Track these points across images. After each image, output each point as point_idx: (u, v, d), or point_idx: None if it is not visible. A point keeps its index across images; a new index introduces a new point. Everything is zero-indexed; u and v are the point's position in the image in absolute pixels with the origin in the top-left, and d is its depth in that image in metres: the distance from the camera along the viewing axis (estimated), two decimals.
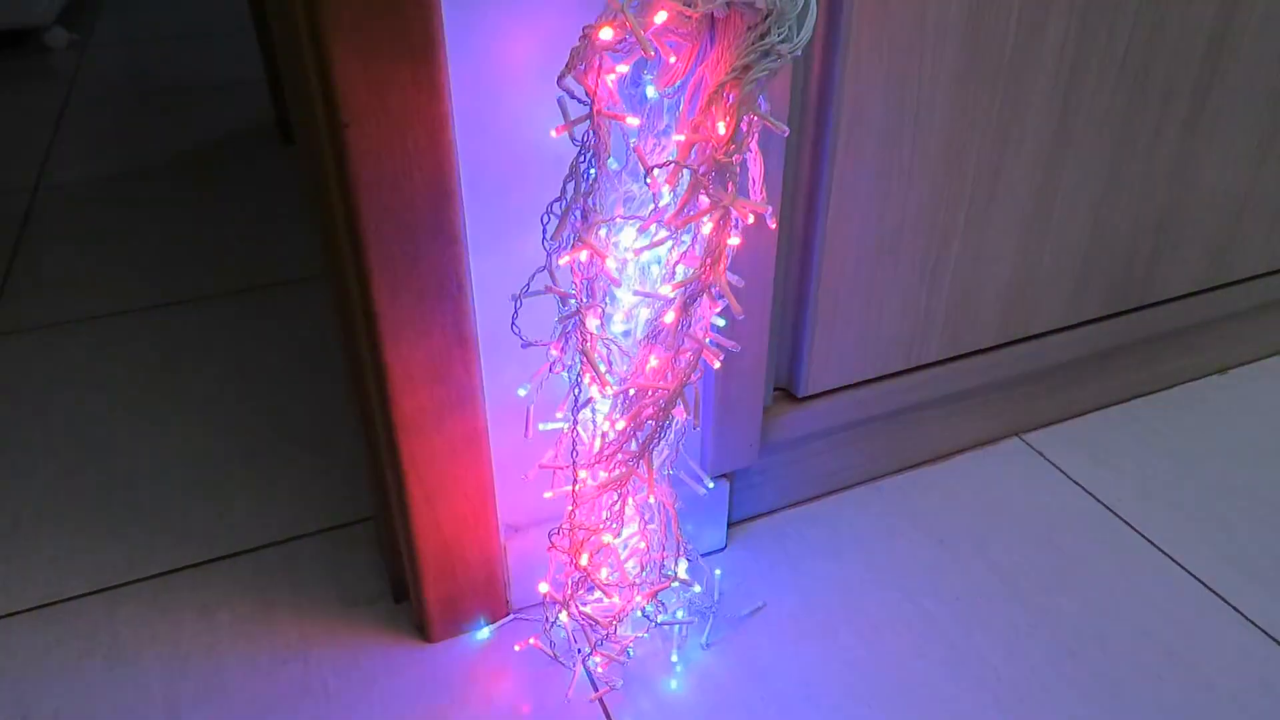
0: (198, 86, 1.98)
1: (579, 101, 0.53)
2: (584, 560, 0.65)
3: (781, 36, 0.48)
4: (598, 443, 0.63)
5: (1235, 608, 0.80)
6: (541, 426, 0.70)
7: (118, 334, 1.18)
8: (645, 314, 0.60)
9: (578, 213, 0.55)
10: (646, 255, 0.58)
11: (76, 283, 1.29)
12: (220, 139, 1.72)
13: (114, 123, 1.82)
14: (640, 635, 0.75)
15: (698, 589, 0.79)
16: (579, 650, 0.74)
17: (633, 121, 0.53)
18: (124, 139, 1.74)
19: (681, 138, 0.52)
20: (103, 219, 1.46)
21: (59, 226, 1.44)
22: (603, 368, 0.59)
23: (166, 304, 1.24)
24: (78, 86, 2.00)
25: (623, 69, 0.52)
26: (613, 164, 0.56)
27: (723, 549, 0.86)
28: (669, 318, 0.56)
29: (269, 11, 0.69)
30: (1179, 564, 0.84)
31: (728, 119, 0.50)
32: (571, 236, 0.56)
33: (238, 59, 2.10)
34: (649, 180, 0.53)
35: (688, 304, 0.56)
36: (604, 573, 0.67)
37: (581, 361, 0.59)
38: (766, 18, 0.48)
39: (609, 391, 0.60)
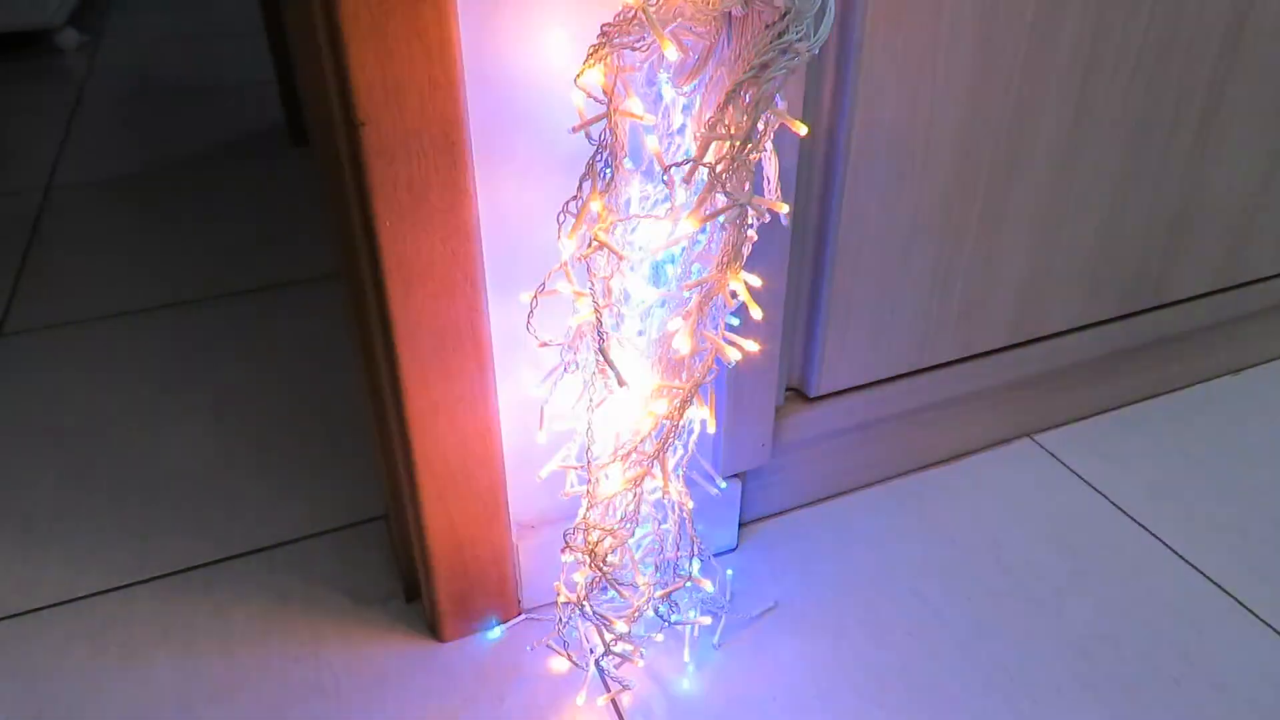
0: (208, 88, 1.98)
1: (595, 100, 0.53)
2: (598, 560, 0.65)
3: (799, 35, 0.48)
4: (612, 442, 0.63)
5: (1249, 608, 0.80)
6: (556, 426, 0.70)
7: (129, 333, 1.18)
8: (661, 313, 0.60)
9: (594, 211, 0.55)
10: (663, 254, 0.58)
11: (88, 282, 1.29)
12: (230, 140, 1.73)
13: (125, 124, 1.82)
14: (653, 635, 0.75)
15: (710, 589, 0.79)
16: (591, 650, 0.74)
17: (649, 120, 0.53)
18: (134, 140, 1.75)
19: (699, 136, 0.52)
20: (114, 219, 1.46)
21: (70, 227, 1.45)
22: (618, 367, 0.58)
23: (178, 304, 1.24)
24: (89, 88, 2.01)
25: (640, 67, 0.52)
26: (629, 163, 0.56)
27: (734, 549, 0.86)
28: (685, 317, 0.56)
29: (286, 12, 0.69)
30: (1192, 565, 0.84)
31: (745, 117, 0.50)
32: (587, 235, 0.56)
33: (247, 61, 2.10)
34: (665, 179, 0.53)
35: (703, 303, 0.56)
36: (618, 573, 0.67)
37: (597, 361, 0.59)
38: (784, 16, 0.48)
39: (624, 391, 0.60)
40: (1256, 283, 1.01)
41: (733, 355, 0.60)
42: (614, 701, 0.72)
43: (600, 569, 0.65)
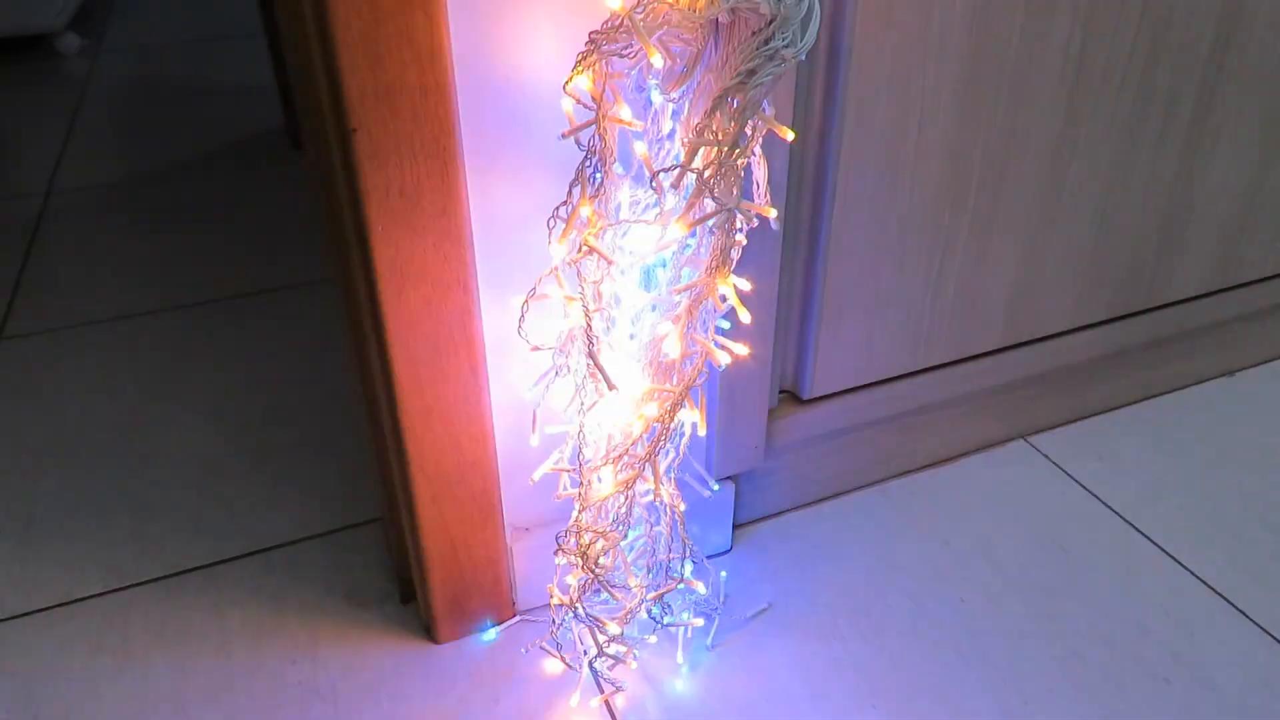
0: (208, 92, 1.99)
1: (585, 106, 0.54)
2: (591, 562, 0.65)
3: (786, 41, 0.49)
4: (604, 445, 0.63)
5: (1241, 610, 0.80)
6: (548, 429, 0.70)
7: (128, 336, 1.19)
8: (651, 317, 0.60)
9: (584, 216, 0.56)
10: (652, 258, 0.58)
11: (87, 286, 1.30)
12: (230, 144, 1.73)
13: (125, 127, 1.83)
14: (646, 637, 0.76)
15: (703, 591, 0.80)
16: (585, 652, 0.75)
17: (638, 126, 0.54)
18: (135, 144, 1.75)
19: (687, 142, 0.52)
20: (114, 223, 1.47)
21: (71, 230, 1.45)
22: (609, 371, 0.59)
23: (177, 307, 1.25)
24: (89, 92, 2.01)
25: (628, 74, 0.52)
26: (618, 168, 0.56)
27: (728, 551, 0.86)
28: (675, 320, 0.57)
29: (279, 18, 0.70)
30: (1185, 566, 0.84)
31: (732, 123, 0.50)
32: (578, 240, 0.57)
33: (248, 65, 2.11)
34: (654, 184, 0.54)
35: (693, 307, 0.56)
36: (611, 575, 0.68)
37: (588, 364, 0.60)
38: (771, 22, 0.48)
39: (615, 395, 0.60)
40: (1249, 284, 1.01)
41: (723, 358, 0.60)
42: (607, 703, 0.73)
43: (593, 571, 0.66)
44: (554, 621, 0.75)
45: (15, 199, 1.55)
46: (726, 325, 0.64)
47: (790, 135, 0.53)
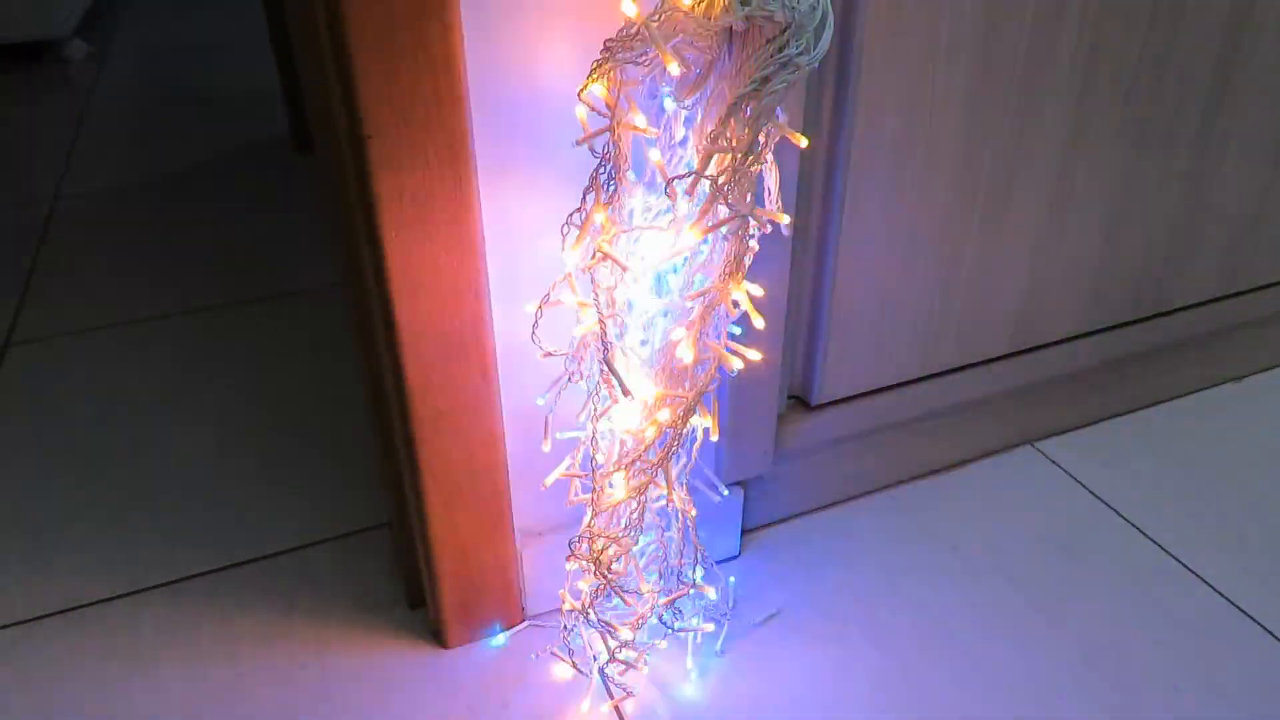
0: (214, 97, 2.00)
1: (599, 113, 0.54)
2: (603, 567, 0.66)
3: (799, 49, 0.49)
4: (616, 451, 0.63)
5: (1251, 616, 0.80)
6: (559, 435, 0.70)
7: (136, 342, 1.19)
8: (664, 323, 0.60)
9: (598, 222, 0.56)
10: (665, 264, 0.58)
11: (95, 291, 1.30)
12: (236, 149, 1.74)
13: (131, 133, 1.84)
14: (656, 642, 0.76)
15: (713, 596, 0.80)
16: (595, 657, 0.75)
17: (652, 133, 0.54)
18: (141, 149, 1.76)
19: (700, 149, 0.52)
20: (121, 228, 1.47)
21: (78, 235, 1.46)
22: (622, 376, 0.59)
23: (184, 312, 1.25)
24: (96, 98, 2.02)
25: (642, 81, 0.53)
26: (632, 175, 0.56)
27: (737, 556, 0.86)
28: (688, 326, 0.57)
29: (291, 26, 0.70)
30: (1194, 572, 0.84)
31: (746, 130, 0.50)
32: (591, 246, 0.57)
33: (253, 70, 2.12)
34: (668, 190, 0.54)
35: (706, 313, 0.56)
36: (622, 580, 0.68)
37: (601, 370, 0.60)
38: (785, 30, 0.48)
39: (628, 400, 0.60)
40: (1257, 290, 1.01)
41: (735, 364, 0.60)
42: (617, 708, 0.73)
43: (605, 576, 0.66)
44: (564, 627, 0.75)
45: (23, 205, 1.55)
46: (738, 331, 0.64)
47: (804, 142, 0.54)
